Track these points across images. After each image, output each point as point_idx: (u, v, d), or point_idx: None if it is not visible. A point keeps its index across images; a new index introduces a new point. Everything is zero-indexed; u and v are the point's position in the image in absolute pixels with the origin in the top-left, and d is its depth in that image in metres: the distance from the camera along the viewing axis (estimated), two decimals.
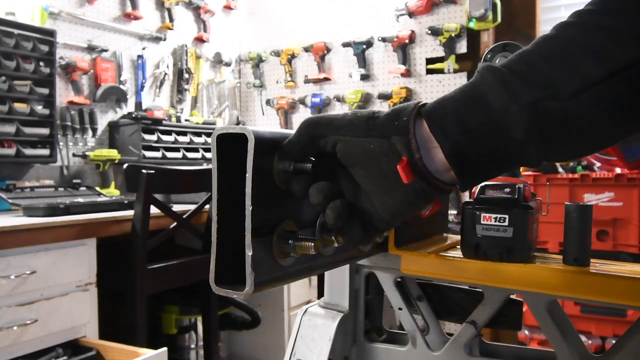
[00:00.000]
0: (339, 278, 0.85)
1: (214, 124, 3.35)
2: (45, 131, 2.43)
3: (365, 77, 3.29)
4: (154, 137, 2.88)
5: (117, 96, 2.91)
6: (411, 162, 0.49)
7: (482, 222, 0.71)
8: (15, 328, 1.62)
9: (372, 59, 3.31)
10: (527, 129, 0.46)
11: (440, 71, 3.05)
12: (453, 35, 2.97)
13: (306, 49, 3.48)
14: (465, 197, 3.14)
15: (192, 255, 2.18)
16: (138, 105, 3.02)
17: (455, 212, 2.76)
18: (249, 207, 0.49)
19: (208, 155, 3.17)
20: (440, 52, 3.05)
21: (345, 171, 0.54)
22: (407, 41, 3.12)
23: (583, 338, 1.21)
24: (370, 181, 0.51)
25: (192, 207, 2.11)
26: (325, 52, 3.43)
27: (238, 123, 3.61)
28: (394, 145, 0.50)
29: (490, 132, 0.47)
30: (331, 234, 0.57)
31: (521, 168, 0.93)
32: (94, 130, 2.75)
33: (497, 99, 0.47)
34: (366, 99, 3.29)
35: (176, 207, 2.15)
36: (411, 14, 3.11)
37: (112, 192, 2.66)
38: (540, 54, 0.48)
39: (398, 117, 0.50)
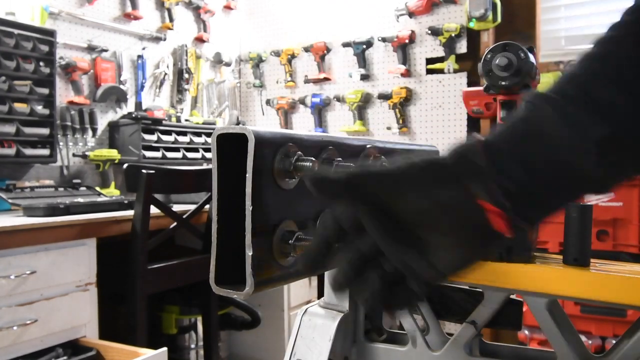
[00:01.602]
0: None
1: (214, 124, 3.35)
2: (45, 131, 2.43)
3: (365, 77, 3.29)
4: (154, 137, 2.88)
5: (117, 96, 2.91)
6: (502, 209, 0.43)
7: None
8: (15, 328, 1.62)
9: (372, 59, 3.31)
10: (597, 163, 0.43)
11: (440, 71, 3.05)
12: (453, 35, 2.97)
13: (306, 49, 3.48)
14: None
15: (192, 255, 2.18)
16: (138, 105, 3.02)
17: None
18: (249, 207, 0.49)
19: (208, 155, 3.17)
20: (440, 52, 3.05)
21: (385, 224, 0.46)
22: (407, 41, 3.12)
23: (583, 338, 1.21)
24: (439, 234, 0.45)
25: (192, 207, 2.11)
26: (325, 52, 3.43)
27: (238, 123, 3.61)
28: (468, 191, 0.44)
29: (557, 170, 0.44)
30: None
31: None
32: (94, 130, 2.75)
33: (562, 135, 0.43)
34: (366, 99, 3.29)
35: (176, 207, 2.15)
36: (411, 14, 3.11)
37: (112, 192, 2.66)
38: (594, 75, 0.45)
39: (466, 158, 0.45)
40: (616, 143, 0.43)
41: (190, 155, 3.10)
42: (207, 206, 2.13)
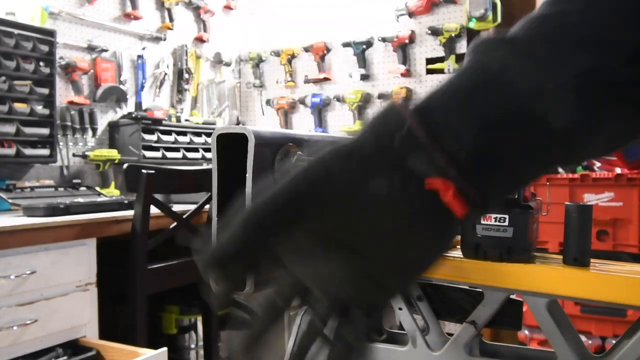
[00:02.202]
0: None
1: (214, 124, 3.35)
2: (45, 131, 2.43)
3: (365, 77, 3.29)
4: (154, 137, 2.88)
5: (117, 96, 2.91)
6: (459, 186, 0.33)
7: (482, 222, 0.71)
8: (15, 328, 1.62)
9: (372, 59, 3.31)
10: (573, 111, 0.33)
11: (440, 71, 3.05)
12: (453, 35, 2.98)
13: (306, 49, 3.48)
14: None
15: (192, 255, 2.18)
16: (138, 105, 3.02)
17: None
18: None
19: (208, 155, 3.17)
20: (440, 52, 3.05)
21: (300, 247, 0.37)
22: (407, 41, 3.12)
23: (583, 338, 1.21)
24: (381, 240, 0.35)
25: (192, 207, 2.11)
26: (325, 52, 3.43)
27: (238, 123, 3.61)
28: (409, 171, 0.34)
29: (520, 123, 0.33)
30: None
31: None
32: (94, 130, 2.75)
33: (522, 78, 0.33)
34: (366, 99, 3.29)
35: (176, 207, 2.15)
36: (411, 14, 3.11)
37: (112, 192, 2.66)
38: (563, 13, 0.35)
39: (392, 135, 0.34)
40: (600, 79, 0.33)
41: (190, 155, 3.10)
42: (207, 206, 2.13)
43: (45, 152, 2.44)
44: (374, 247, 0.35)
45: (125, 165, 1.94)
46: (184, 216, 2.06)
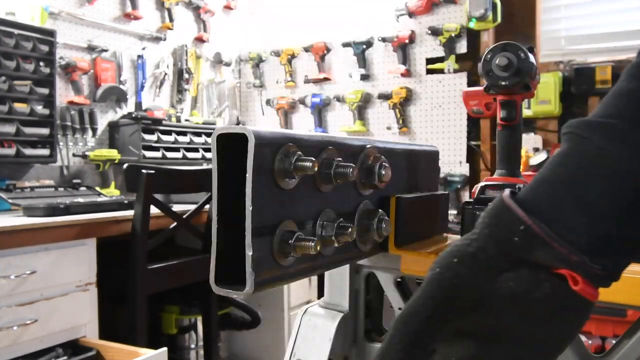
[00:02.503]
0: (339, 278, 0.85)
1: (214, 124, 3.35)
2: (45, 131, 2.43)
3: (365, 77, 3.29)
4: (154, 137, 2.88)
5: (117, 96, 2.91)
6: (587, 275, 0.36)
7: None
8: (15, 328, 1.62)
9: (372, 59, 3.31)
10: None
11: (440, 71, 3.05)
12: (453, 35, 2.97)
13: (306, 49, 3.48)
14: (465, 197, 3.14)
15: (192, 255, 2.18)
16: (138, 105, 3.02)
17: (455, 212, 2.76)
18: (249, 207, 0.49)
19: (208, 155, 3.17)
20: (440, 52, 3.05)
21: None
22: (407, 41, 3.12)
23: (583, 338, 1.20)
24: (518, 324, 0.38)
25: (192, 207, 2.11)
26: (325, 52, 3.43)
27: (238, 123, 3.61)
28: (536, 265, 0.37)
29: (625, 205, 0.36)
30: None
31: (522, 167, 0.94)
32: (94, 130, 2.75)
33: (621, 159, 0.36)
34: (366, 99, 3.29)
35: (176, 207, 2.15)
36: (411, 14, 3.11)
37: (112, 192, 2.66)
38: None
39: (510, 235, 0.37)
40: None
41: (190, 155, 3.10)
42: (207, 206, 2.13)
43: (45, 152, 2.44)
44: (515, 336, 0.38)
45: (125, 165, 1.94)
46: (184, 216, 2.06)
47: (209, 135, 3.23)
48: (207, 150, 3.19)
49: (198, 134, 3.17)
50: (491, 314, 0.38)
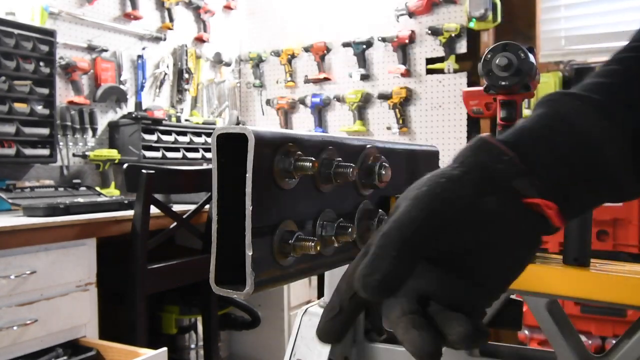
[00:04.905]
0: (339, 278, 0.85)
1: (214, 124, 3.35)
2: (45, 131, 2.43)
3: (365, 77, 3.29)
4: (154, 137, 2.88)
5: (117, 96, 2.91)
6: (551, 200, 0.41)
7: None
8: (15, 328, 1.62)
9: (372, 59, 3.31)
10: (628, 159, 0.42)
11: (440, 71, 3.05)
12: (453, 35, 2.97)
13: (306, 49, 3.48)
14: None
15: (192, 255, 2.18)
16: (138, 105, 3.02)
17: None
18: (249, 207, 0.49)
19: (208, 155, 3.17)
20: (440, 52, 3.05)
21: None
22: (407, 41, 3.12)
23: (583, 338, 1.21)
24: (489, 249, 0.41)
25: (192, 207, 2.11)
26: (325, 52, 3.43)
27: (238, 123, 3.61)
28: (515, 191, 0.41)
29: (583, 155, 0.42)
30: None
31: None
32: (94, 130, 2.75)
33: (594, 126, 0.42)
34: (366, 99, 3.29)
35: (176, 207, 2.15)
36: (411, 14, 3.11)
37: (112, 192, 2.66)
38: (623, 76, 0.44)
39: (495, 163, 0.42)
40: None
41: (190, 155, 3.10)
42: (207, 206, 2.13)
43: (45, 152, 2.44)
44: (487, 253, 0.41)
45: (125, 165, 1.94)
46: (184, 216, 2.06)
47: (209, 135, 3.23)
48: (207, 150, 3.19)
49: (198, 134, 3.17)
50: (472, 229, 0.41)
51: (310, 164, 0.53)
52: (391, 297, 0.43)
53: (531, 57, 0.81)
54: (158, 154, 2.89)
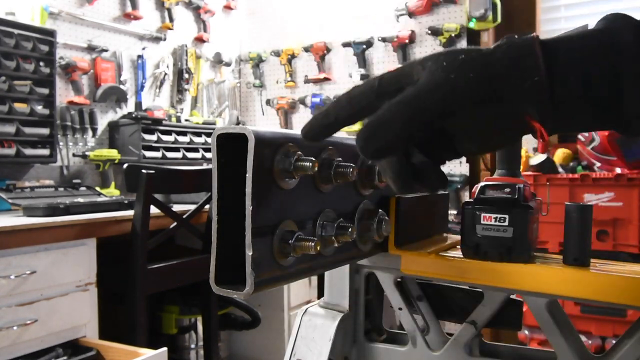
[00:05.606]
0: (339, 278, 0.85)
1: (214, 124, 3.35)
2: (45, 131, 2.43)
3: (365, 77, 3.29)
4: (154, 137, 2.88)
5: (117, 96, 2.91)
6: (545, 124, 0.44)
7: (482, 222, 0.71)
8: (15, 328, 1.62)
9: (372, 59, 3.31)
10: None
11: None
12: (453, 35, 2.98)
13: (306, 49, 3.48)
14: (465, 197, 3.14)
15: (192, 255, 2.18)
16: (138, 105, 3.02)
17: (455, 212, 2.76)
18: (249, 207, 0.49)
19: (208, 155, 3.17)
20: None
21: None
22: (407, 41, 3.12)
23: (583, 338, 1.21)
24: (475, 132, 0.46)
25: (192, 207, 2.11)
26: (325, 52, 3.43)
27: (238, 123, 3.61)
28: (521, 111, 0.44)
29: (606, 88, 0.42)
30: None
31: (521, 167, 0.93)
32: (94, 130, 2.75)
33: (626, 53, 0.42)
34: None
35: (176, 207, 2.15)
36: (411, 14, 3.12)
37: (112, 192, 2.66)
38: None
39: (521, 61, 0.43)
40: None
41: (190, 155, 3.10)
42: (207, 206, 2.13)
43: (45, 152, 2.44)
44: (478, 126, 0.45)
45: (125, 165, 1.94)
46: (184, 216, 2.06)
47: (209, 135, 3.23)
48: (207, 150, 3.19)
49: (198, 134, 3.17)
50: (476, 112, 0.44)
51: (310, 164, 0.53)
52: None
53: None
54: (158, 154, 2.89)
